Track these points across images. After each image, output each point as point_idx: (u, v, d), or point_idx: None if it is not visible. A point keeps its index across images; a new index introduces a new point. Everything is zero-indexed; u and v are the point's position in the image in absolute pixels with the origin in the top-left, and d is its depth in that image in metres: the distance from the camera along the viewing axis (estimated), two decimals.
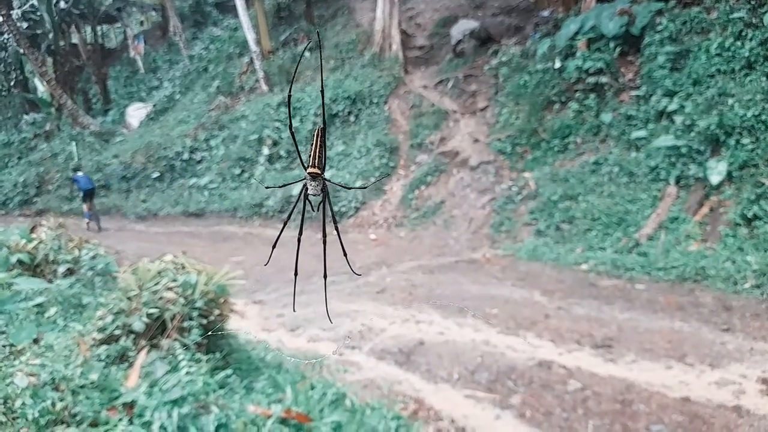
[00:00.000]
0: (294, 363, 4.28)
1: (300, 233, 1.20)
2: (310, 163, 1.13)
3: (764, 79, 7.64)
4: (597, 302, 6.16)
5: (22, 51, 19.16)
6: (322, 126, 1.12)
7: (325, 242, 1.13)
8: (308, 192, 1.13)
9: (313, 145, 1.12)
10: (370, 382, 4.63)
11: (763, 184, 6.95)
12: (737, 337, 5.09)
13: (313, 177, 1.13)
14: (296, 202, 1.16)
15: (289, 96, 1.22)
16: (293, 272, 1.19)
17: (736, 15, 8.36)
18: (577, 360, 4.86)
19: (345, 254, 1.16)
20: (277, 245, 1.24)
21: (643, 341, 5.12)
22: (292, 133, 1.23)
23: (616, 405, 4.16)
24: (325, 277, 1.15)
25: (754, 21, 8.14)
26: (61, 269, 5.08)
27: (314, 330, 5.81)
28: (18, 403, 2.45)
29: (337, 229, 1.17)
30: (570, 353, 5.00)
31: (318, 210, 1.14)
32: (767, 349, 4.82)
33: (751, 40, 8.06)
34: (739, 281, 6.06)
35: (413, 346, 5.30)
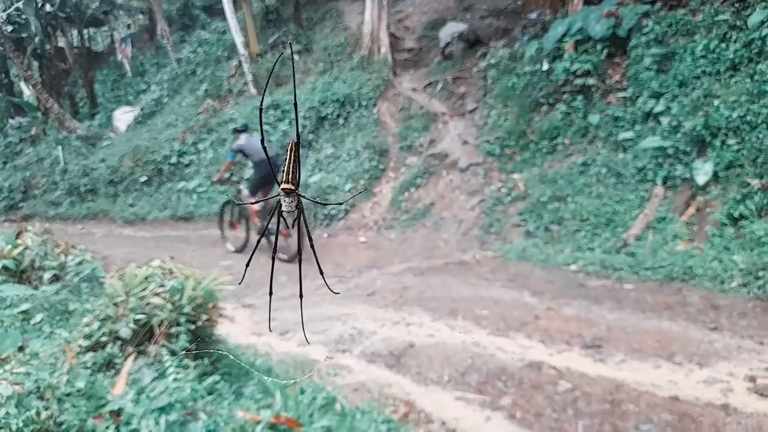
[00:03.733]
0: (284, 367, 4.26)
1: (274, 251, 1.14)
2: (284, 179, 1.09)
3: (749, 80, 7.73)
4: (586, 302, 6.19)
5: (7, 55, 18.96)
6: (295, 140, 1.08)
7: (300, 260, 1.09)
8: (282, 208, 1.10)
9: (287, 161, 1.08)
10: (360, 386, 4.61)
11: (749, 184, 7.03)
12: (724, 336, 5.13)
13: (288, 193, 1.09)
14: (269, 219, 1.12)
15: (261, 109, 1.18)
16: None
17: (720, 17, 8.45)
18: (567, 360, 4.87)
19: (321, 272, 1.10)
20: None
21: (632, 341, 5.15)
22: (265, 149, 1.20)
23: (605, 405, 4.17)
24: (300, 296, 1.11)
25: (738, 23, 8.23)
26: (47, 275, 5.02)
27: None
28: (2, 412, 2.41)
29: (312, 246, 1.13)
30: (560, 354, 5.01)
31: (293, 226, 1.10)
32: (754, 347, 4.86)
33: (735, 42, 8.15)
34: (726, 280, 6.12)
35: (403, 348, 5.29)
